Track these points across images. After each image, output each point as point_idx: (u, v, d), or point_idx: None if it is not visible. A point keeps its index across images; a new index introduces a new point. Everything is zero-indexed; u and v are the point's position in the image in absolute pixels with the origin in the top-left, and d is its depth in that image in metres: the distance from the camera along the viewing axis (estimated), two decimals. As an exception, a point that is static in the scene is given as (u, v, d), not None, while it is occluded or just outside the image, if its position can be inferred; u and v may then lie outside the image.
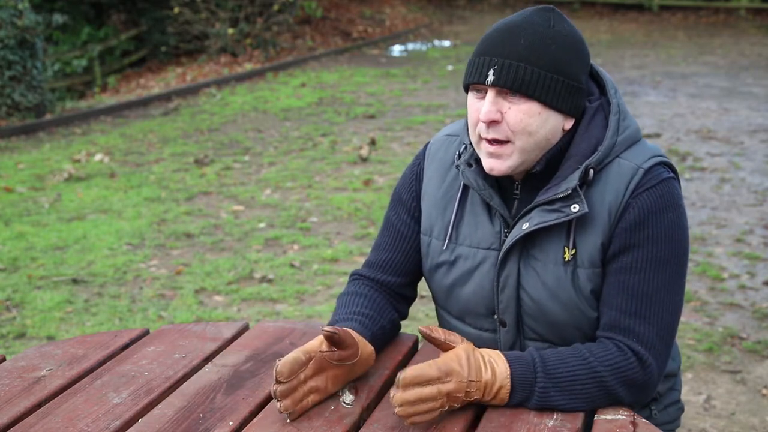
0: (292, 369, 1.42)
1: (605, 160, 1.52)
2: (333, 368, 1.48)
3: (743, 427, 3.05)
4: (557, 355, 1.47)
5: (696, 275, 4.34)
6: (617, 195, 1.50)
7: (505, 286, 1.58)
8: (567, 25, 1.51)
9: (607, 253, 1.52)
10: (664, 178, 1.51)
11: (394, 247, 1.73)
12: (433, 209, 1.67)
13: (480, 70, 1.49)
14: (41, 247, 4.99)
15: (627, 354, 1.47)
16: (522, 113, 1.48)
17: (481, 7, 18.22)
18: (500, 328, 1.63)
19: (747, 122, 7.91)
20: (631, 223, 1.49)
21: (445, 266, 1.65)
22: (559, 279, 1.53)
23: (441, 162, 1.68)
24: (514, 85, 1.46)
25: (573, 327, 1.56)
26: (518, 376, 1.44)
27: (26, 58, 8.78)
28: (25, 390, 1.55)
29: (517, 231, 1.53)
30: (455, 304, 1.67)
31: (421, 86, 10.20)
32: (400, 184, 1.75)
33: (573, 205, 1.48)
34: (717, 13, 16.50)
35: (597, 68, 1.60)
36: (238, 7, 12.80)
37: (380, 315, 1.66)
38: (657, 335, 1.49)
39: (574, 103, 1.51)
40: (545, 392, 1.43)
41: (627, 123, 1.55)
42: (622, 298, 1.50)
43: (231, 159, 7.03)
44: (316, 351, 1.46)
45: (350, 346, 1.49)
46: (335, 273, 4.48)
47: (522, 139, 1.49)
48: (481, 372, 1.42)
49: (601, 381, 1.45)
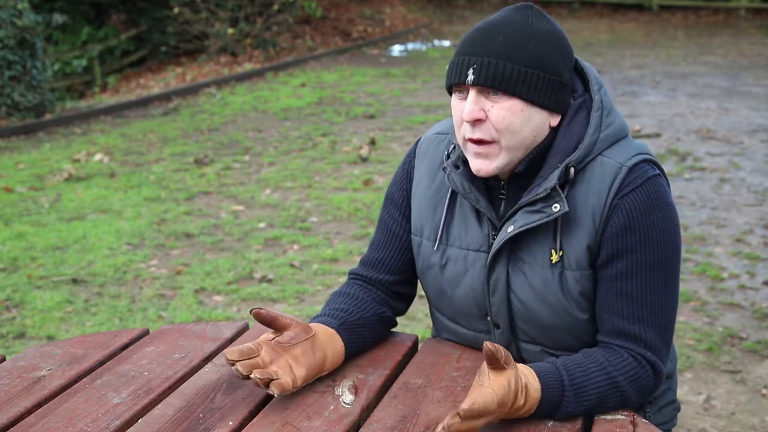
0: (241, 351, 1.44)
1: (587, 158, 1.49)
2: (287, 351, 1.48)
3: (743, 427, 3.05)
4: (582, 371, 1.45)
5: (696, 275, 4.34)
6: (600, 195, 1.48)
7: (495, 289, 1.57)
8: (546, 22, 1.50)
9: (596, 257, 1.50)
10: (650, 177, 1.49)
11: (387, 246, 1.72)
12: (423, 209, 1.66)
13: (460, 70, 1.48)
14: (41, 247, 4.99)
15: (644, 364, 1.48)
16: (505, 111, 1.46)
17: (481, 7, 18.21)
18: (494, 329, 1.62)
19: (747, 122, 7.91)
20: (620, 227, 1.47)
21: (437, 268, 1.64)
22: (547, 281, 1.52)
23: (431, 161, 1.67)
24: (495, 83, 1.45)
25: (563, 330, 1.56)
26: (547, 398, 1.41)
27: (26, 58, 8.78)
28: (25, 390, 1.55)
29: (503, 234, 1.52)
30: (448, 305, 1.67)
31: (421, 86, 10.20)
32: (392, 182, 1.75)
33: (554, 205, 1.47)
34: (717, 13, 16.50)
35: (583, 64, 1.58)
36: (238, 7, 12.80)
37: (360, 309, 1.65)
38: (660, 338, 1.50)
39: (557, 99, 1.49)
40: (568, 412, 1.42)
41: (611, 119, 1.53)
42: (622, 304, 1.49)
43: (231, 159, 7.03)
44: (263, 341, 1.49)
45: (287, 324, 1.50)
46: (335, 273, 4.48)
47: (507, 138, 1.47)
48: (518, 399, 1.37)
49: (621, 391, 1.46)
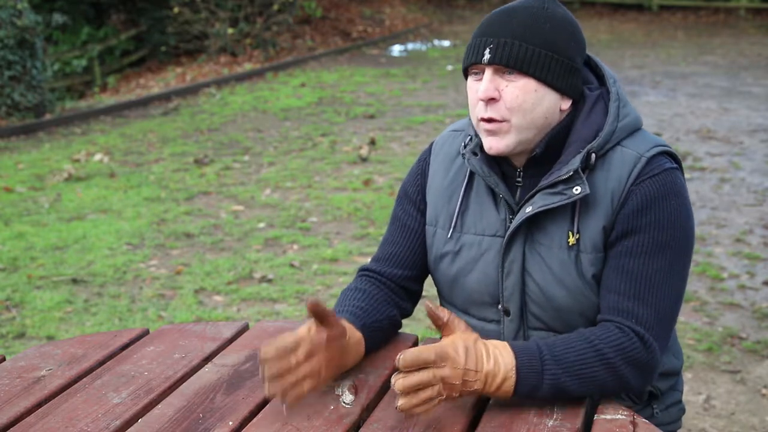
0: (278, 351, 1.39)
1: (606, 146, 1.55)
2: (324, 352, 1.45)
3: (743, 427, 3.05)
4: (562, 340, 1.47)
5: (696, 275, 4.34)
6: (620, 181, 1.52)
7: (510, 271, 1.59)
8: (561, 9, 1.57)
9: (609, 238, 1.53)
10: (666, 168, 1.53)
11: (401, 240, 1.74)
12: (438, 199, 1.69)
13: (477, 50, 1.54)
14: (41, 247, 4.99)
15: (629, 334, 1.47)
16: (518, 90, 1.51)
17: (480, 7, 18.22)
18: (504, 318, 1.63)
19: (747, 122, 7.91)
20: (633, 208, 1.51)
21: (450, 256, 1.66)
22: (564, 263, 1.55)
23: (446, 155, 1.72)
24: (510, 62, 1.50)
25: (577, 313, 1.57)
26: (524, 366, 1.41)
27: (26, 58, 8.78)
28: (25, 390, 1.55)
29: (521, 215, 1.55)
30: (460, 294, 1.68)
31: (421, 86, 10.19)
32: (406, 180, 1.78)
33: (575, 187, 1.51)
34: (717, 13, 16.50)
35: (596, 60, 1.64)
36: (238, 7, 12.80)
37: (376, 309, 1.65)
38: (655, 318, 1.49)
39: (569, 82, 1.54)
40: (556, 378, 1.42)
41: (627, 111, 1.58)
42: (620, 281, 1.51)
43: (231, 159, 7.03)
44: (304, 336, 1.43)
45: (335, 324, 1.47)
46: (335, 273, 4.49)
47: (518, 117, 1.52)
48: (483, 362, 1.39)
49: (608, 362, 1.45)
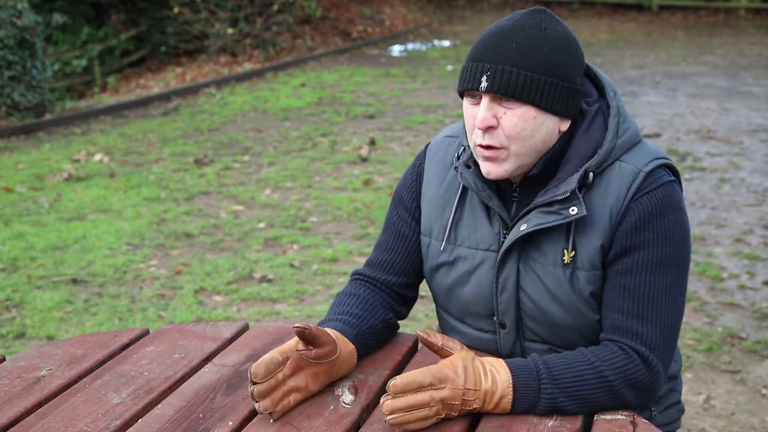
0: (267, 369, 1.41)
1: (605, 164, 1.51)
2: (311, 366, 1.47)
3: (743, 427, 3.05)
4: (562, 360, 1.46)
5: (696, 275, 4.34)
6: (618, 198, 1.50)
7: (504, 287, 1.58)
8: (559, 27, 1.51)
9: (607, 256, 1.51)
10: (665, 182, 1.51)
11: (395, 247, 1.73)
12: (432, 209, 1.67)
13: (473, 76, 1.48)
14: (41, 247, 4.99)
15: (632, 356, 1.46)
16: (517, 118, 1.47)
17: (480, 7, 18.21)
18: (500, 329, 1.63)
19: (747, 122, 7.91)
20: (631, 225, 1.48)
21: (445, 267, 1.65)
22: (559, 281, 1.53)
23: (441, 162, 1.68)
24: (508, 91, 1.45)
25: (573, 329, 1.56)
26: (521, 384, 1.42)
27: (26, 58, 8.78)
28: (25, 390, 1.55)
29: (516, 232, 1.53)
30: (455, 304, 1.67)
31: (421, 86, 10.19)
32: (401, 184, 1.75)
33: (571, 208, 1.48)
34: (717, 13, 16.50)
35: (595, 70, 1.59)
36: (238, 7, 12.80)
37: (370, 315, 1.65)
38: (660, 337, 1.49)
39: (569, 104, 1.50)
40: (552, 398, 1.42)
41: (626, 125, 1.55)
42: (623, 300, 1.49)
43: (231, 159, 7.03)
44: (292, 350, 1.45)
45: (326, 343, 1.47)
46: (335, 273, 4.48)
47: (517, 144, 1.48)
48: (481, 381, 1.40)
49: (608, 385, 1.44)
